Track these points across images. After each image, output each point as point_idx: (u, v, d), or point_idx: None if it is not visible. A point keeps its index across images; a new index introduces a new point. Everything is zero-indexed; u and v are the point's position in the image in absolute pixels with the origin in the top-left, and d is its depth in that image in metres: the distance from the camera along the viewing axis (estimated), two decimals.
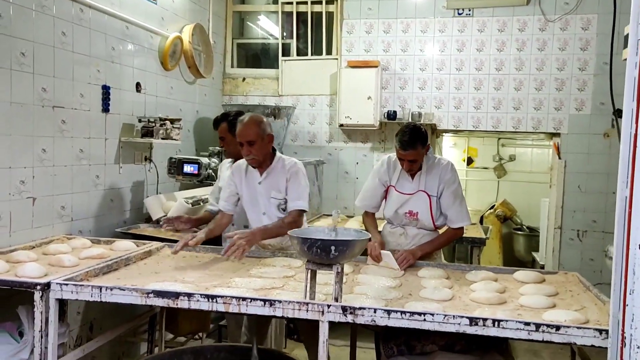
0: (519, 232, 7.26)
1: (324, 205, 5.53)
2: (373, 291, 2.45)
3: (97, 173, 3.76)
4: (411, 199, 3.17)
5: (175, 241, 3.41)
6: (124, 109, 4.03)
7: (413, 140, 2.98)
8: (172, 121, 4.22)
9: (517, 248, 7.30)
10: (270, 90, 5.86)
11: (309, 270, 2.14)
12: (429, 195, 3.14)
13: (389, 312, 1.99)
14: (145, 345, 3.92)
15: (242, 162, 3.25)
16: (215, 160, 4.48)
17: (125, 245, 3.18)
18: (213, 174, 4.25)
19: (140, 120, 4.11)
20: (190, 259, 3.09)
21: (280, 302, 2.11)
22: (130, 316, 3.43)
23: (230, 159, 3.67)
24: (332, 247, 2.01)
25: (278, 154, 3.25)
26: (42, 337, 2.29)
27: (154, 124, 4.08)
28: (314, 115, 5.72)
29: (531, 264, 6.67)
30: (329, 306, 2.07)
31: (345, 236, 2.16)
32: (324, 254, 2.03)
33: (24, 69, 3.05)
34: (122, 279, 2.57)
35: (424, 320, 1.94)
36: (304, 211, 3.18)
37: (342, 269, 2.09)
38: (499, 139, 7.81)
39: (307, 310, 2.08)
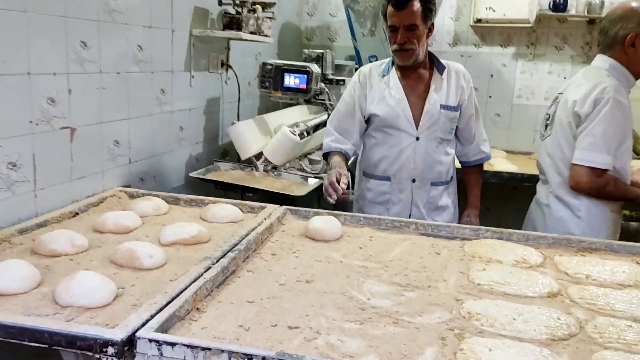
0: None
1: None
2: None
3: (162, 85, 2.46)
4: None
5: (282, 195, 2.38)
6: None
7: None
8: (264, 6, 2.84)
9: None
10: None
11: None
12: None
13: None
14: None
15: (372, 65, 2.41)
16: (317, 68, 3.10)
17: (227, 212, 1.94)
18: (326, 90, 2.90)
19: (221, 3, 2.72)
20: (344, 244, 1.84)
21: None
22: None
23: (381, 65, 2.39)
24: None
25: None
26: None
27: (241, 10, 2.70)
28: None
29: None
30: None
31: None
32: None
33: None
34: (257, 305, 1.35)
35: None
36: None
37: None
38: None
39: None
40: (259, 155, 2.76)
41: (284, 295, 1.41)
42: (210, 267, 1.44)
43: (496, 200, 3.71)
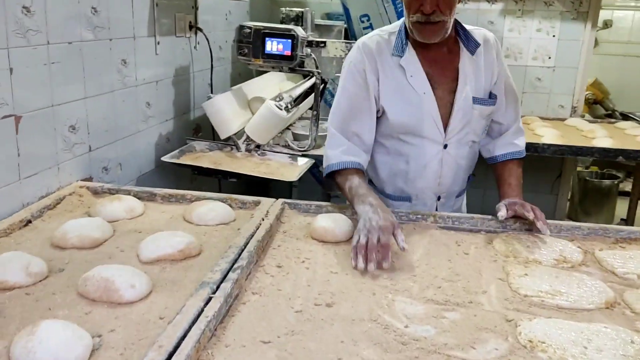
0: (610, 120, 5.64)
1: None
2: None
3: (122, 55, 2.09)
4: None
5: (266, 182, 2.09)
6: None
7: None
8: None
9: None
10: None
11: None
12: None
13: None
14: None
15: (378, 38, 1.72)
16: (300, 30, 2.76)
17: (216, 213, 1.64)
18: (312, 55, 2.57)
19: None
20: None
21: None
22: None
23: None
24: None
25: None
26: None
27: None
28: None
29: None
30: None
31: None
32: None
33: None
34: (275, 346, 1.11)
35: None
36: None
37: None
38: None
39: None
40: (240, 133, 2.44)
41: (305, 328, 1.14)
42: (210, 298, 1.15)
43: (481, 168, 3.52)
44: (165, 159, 2.23)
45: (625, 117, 5.77)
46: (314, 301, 1.25)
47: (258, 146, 2.46)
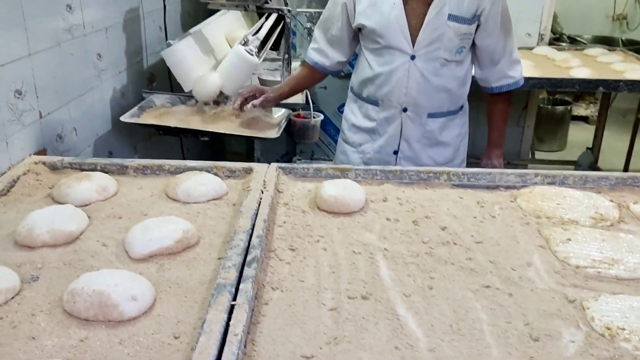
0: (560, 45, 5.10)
1: None
2: None
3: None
4: None
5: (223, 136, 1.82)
6: None
7: None
8: None
9: None
10: None
11: None
12: None
13: None
14: None
15: None
16: None
17: (206, 187, 1.41)
18: None
19: None
20: (373, 216, 1.42)
21: None
22: None
23: None
24: None
25: None
26: None
27: None
28: None
29: None
30: None
31: None
32: None
33: None
34: None
35: None
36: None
37: None
38: None
39: None
40: None
41: (347, 332, 0.98)
42: (233, 305, 0.95)
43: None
44: (124, 118, 1.95)
45: (573, 40, 5.69)
46: (346, 293, 1.08)
47: (226, 97, 2.20)
